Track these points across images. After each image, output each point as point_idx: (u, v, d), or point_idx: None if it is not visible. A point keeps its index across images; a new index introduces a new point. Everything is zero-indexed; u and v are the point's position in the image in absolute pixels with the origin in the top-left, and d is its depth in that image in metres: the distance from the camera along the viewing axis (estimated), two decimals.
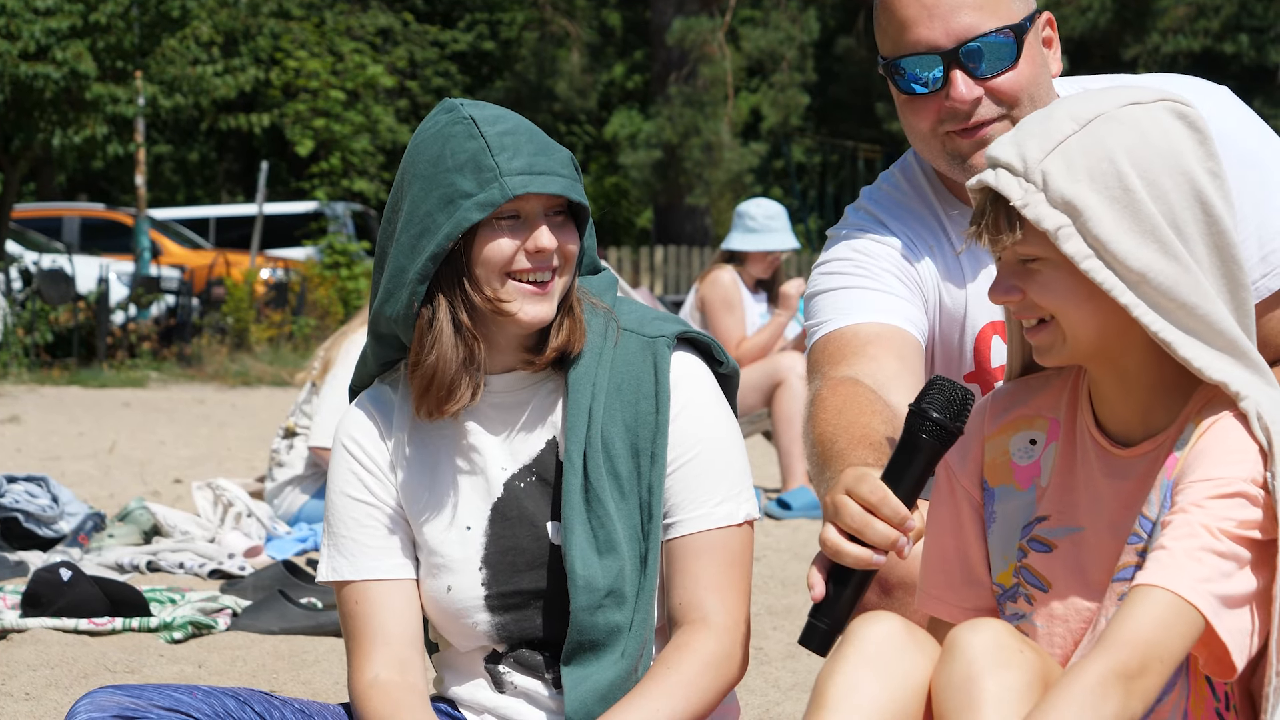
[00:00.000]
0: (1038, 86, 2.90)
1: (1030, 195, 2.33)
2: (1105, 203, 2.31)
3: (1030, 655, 2.29)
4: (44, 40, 22.92)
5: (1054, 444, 2.50)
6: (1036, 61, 2.91)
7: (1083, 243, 2.32)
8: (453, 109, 2.72)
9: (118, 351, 19.24)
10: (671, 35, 29.20)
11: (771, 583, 6.40)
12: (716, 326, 8.94)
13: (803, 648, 2.42)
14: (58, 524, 6.89)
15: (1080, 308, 2.36)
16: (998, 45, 2.86)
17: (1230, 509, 2.28)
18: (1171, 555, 2.27)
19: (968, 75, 2.87)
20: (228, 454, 11.26)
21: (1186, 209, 2.33)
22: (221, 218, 28.43)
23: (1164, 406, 2.42)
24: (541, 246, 2.68)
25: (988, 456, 2.56)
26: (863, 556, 2.33)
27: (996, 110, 2.89)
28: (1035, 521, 2.50)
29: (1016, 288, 2.38)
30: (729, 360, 2.86)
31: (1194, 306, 2.33)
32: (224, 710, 2.66)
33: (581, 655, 2.71)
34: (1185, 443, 2.36)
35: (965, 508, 2.56)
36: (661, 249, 27.83)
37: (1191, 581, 2.25)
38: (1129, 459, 2.43)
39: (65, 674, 4.75)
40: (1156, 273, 2.31)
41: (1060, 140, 2.34)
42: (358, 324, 7.29)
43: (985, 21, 2.85)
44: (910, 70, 2.89)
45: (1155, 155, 2.32)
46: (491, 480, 2.80)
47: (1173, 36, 33.82)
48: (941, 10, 2.86)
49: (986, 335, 3.01)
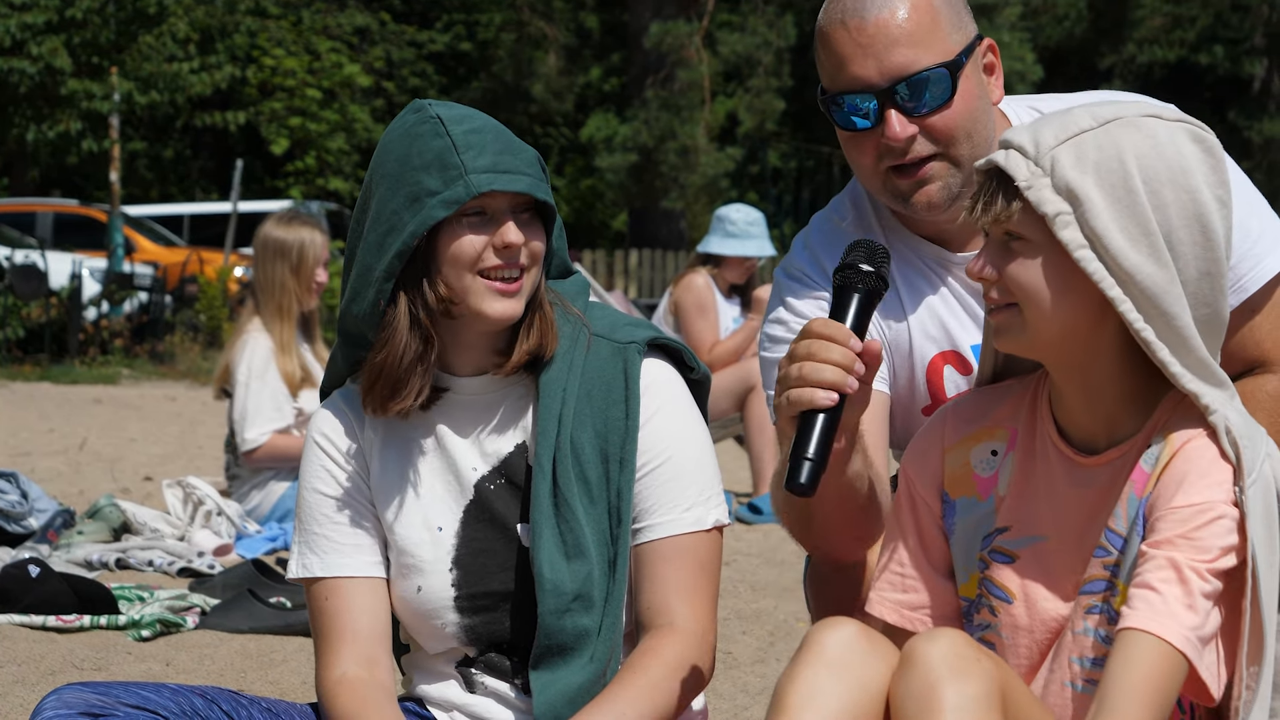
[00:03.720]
0: (975, 121, 2.87)
1: (1036, 179, 2.35)
2: (1107, 198, 2.33)
3: (988, 665, 2.30)
4: (19, 35, 22.85)
5: (1012, 454, 2.52)
6: (974, 94, 2.87)
7: (1079, 232, 2.33)
8: (420, 109, 2.73)
9: (89, 348, 19.17)
10: (649, 39, 29.21)
11: (741, 587, 6.41)
12: (689, 330, 8.96)
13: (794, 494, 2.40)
14: (27, 520, 6.86)
15: (1047, 301, 2.37)
16: (932, 83, 2.82)
17: (1213, 537, 2.31)
18: (1165, 601, 2.29)
19: (901, 113, 2.84)
20: (198, 452, 11.23)
21: (1184, 225, 2.35)
22: (196, 215, 28.37)
23: (1129, 416, 2.43)
24: (509, 242, 2.68)
25: (948, 468, 2.57)
26: (819, 394, 2.37)
27: (931, 148, 2.86)
28: (995, 532, 2.51)
29: (995, 267, 2.40)
30: (700, 366, 2.87)
31: (1173, 317, 2.35)
32: (191, 708, 2.66)
33: (550, 659, 2.72)
34: (1155, 459, 2.37)
35: (924, 517, 2.58)
36: (636, 252, 27.83)
37: (1184, 631, 2.28)
38: (1092, 467, 2.44)
39: (32, 671, 4.74)
40: (1145, 275, 2.33)
41: (1076, 133, 2.36)
42: (248, 322, 7.27)
43: (920, 58, 2.82)
44: (847, 107, 2.87)
45: (1164, 167, 2.35)
46: (463, 481, 2.80)
47: (1149, 47, 33.93)
48: (875, 47, 2.83)
49: (937, 366, 2.99)
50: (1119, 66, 34.29)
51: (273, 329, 7.17)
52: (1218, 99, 35.93)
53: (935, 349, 2.99)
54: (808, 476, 2.39)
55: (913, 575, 2.58)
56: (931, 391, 2.99)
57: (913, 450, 2.63)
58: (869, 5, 2.83)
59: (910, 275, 3.00)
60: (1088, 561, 2.43)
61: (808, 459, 2.39)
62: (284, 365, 7.15)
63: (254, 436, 7.09)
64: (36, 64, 22.64)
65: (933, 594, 2.57)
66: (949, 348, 2.98)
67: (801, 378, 2.40)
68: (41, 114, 23.49)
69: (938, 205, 2.88)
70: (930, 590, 2.57)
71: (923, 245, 2.99)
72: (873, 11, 2.83)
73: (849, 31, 2.84)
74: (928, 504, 2.58)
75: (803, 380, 2.40)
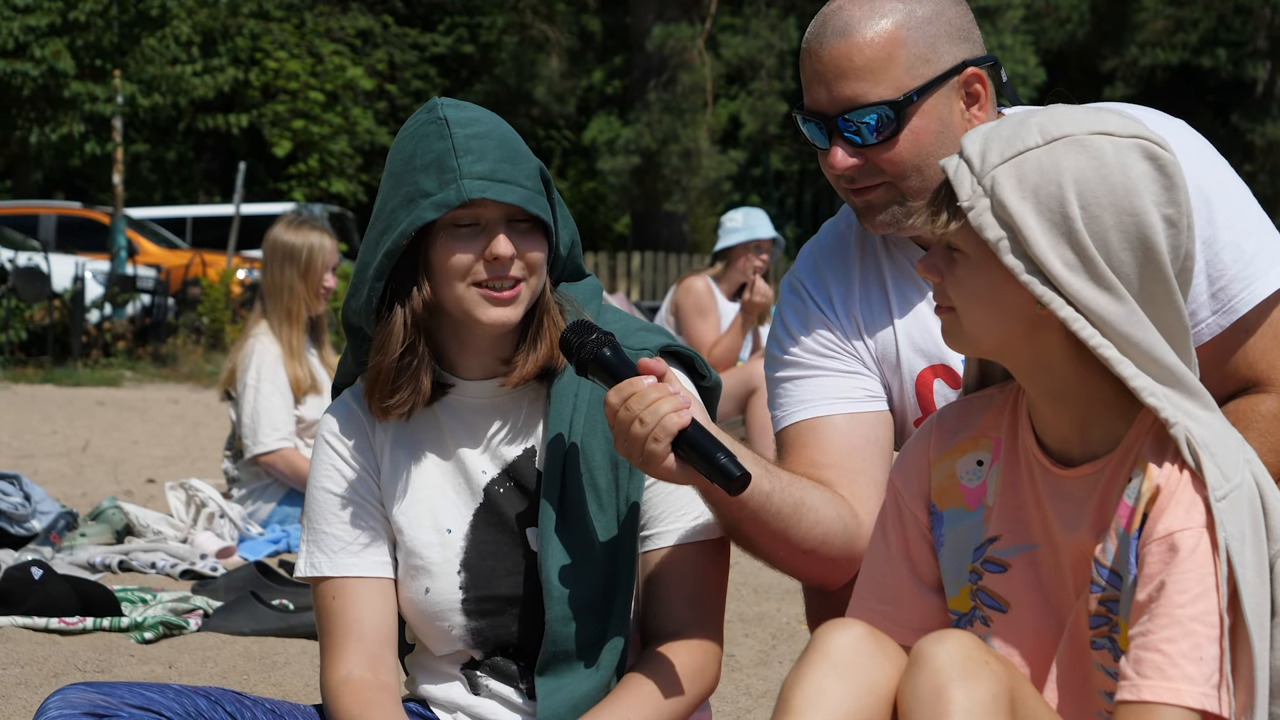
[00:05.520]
0: (928, 156, 2.83)
1: (978, 200, 2.34)
2: (1043, 224, 2.31)
3: (997, 667, 2.29)
4: (22, 37, 22.87)
5: (997, 463, 2.51)
6: (929, 130, 2.84)
7: (1020, 258, 2.32)
8: (432, 109, 2.72)
9: (92, 350, 19.18)
10: (651, 41, 29.22)
11: (744, 589, 6.41)
12: (689, 331, 8.99)
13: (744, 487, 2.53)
14: (30, 522, 6.86)
15: (981, 311, 2.38)
16: (876, 119, 2.82)
17: (1204, 564, 2.28)
18: (1172, 662, 2.26)
19: (845, 144, 2.85)
20: (201, 454, 11.23)
21: (1125, 248, 2.32)
22: (198, 217, 28.37)
23: (1101, 426, 2.41)
24: (498, 254, 2.67)
25: (935, 480, 2.56)
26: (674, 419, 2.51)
27: (877, 178, 2.86)
28: (987, 543, 2.50)
29: (938, 269, 2.41)
30: (711, 374, 2.86)
31: (1127, 335, 2.32)
32: (195, 709, 2.66)
33: (556, 665, 2.71)
34: (1137, 493, 2.35)
35: (911, 529, 2.57)
36: (639, 255, 27.83)
37: (1201, 690, 2.25)
38: (1069, 480, 2.42)
39: (35, 673, 4.74)
40: (1089, 299, 2.31)
41: (1021, 151, 2.34)
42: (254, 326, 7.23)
43: (869, 92, 2.81)
44: (810, 125, 2.89)
45: (1105, 190, 2.32)
46: (473, 484, 2.80)
47: (1151, 50, 33.92)
48: (829, 76, 2.83)
49: (927, 379, 2.98)
50: (1121, 69, 34.28)
51: (280, 333, 7.12)
52: (1220, 102, 35.93)
53: (925, 362, 2.98)
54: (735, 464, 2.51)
55: (892, 584, 2.57)
56: (922, 405, 2.99)
57: (900, 462, 2.62)
58: (830, 32, 2.83)
59: (903, 285, 3.00)
60: (1077, 571, 2.41)
61: (722, 453, 2.51)
62: (292, 370, 7.11)
63: (269, 441, 7.05)
64: (39, 66, 22.66)
65: (913, 605, 2.56)
66: (939, 361, 2.97)
67: (653, 425, 2.51)
68: (44, 116, 23.51)
69: (884, 226, 2.89)
70: (910, 601, 2.56)
71: (916, 254, 2.99)
72: (831, 39, 2.83)
73: (811, 56, 2.86)
74: (915, 516, 2.57)
75: (655, 427, 2.51)
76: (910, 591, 2.56)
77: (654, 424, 2.51)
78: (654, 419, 2.51)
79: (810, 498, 2.75)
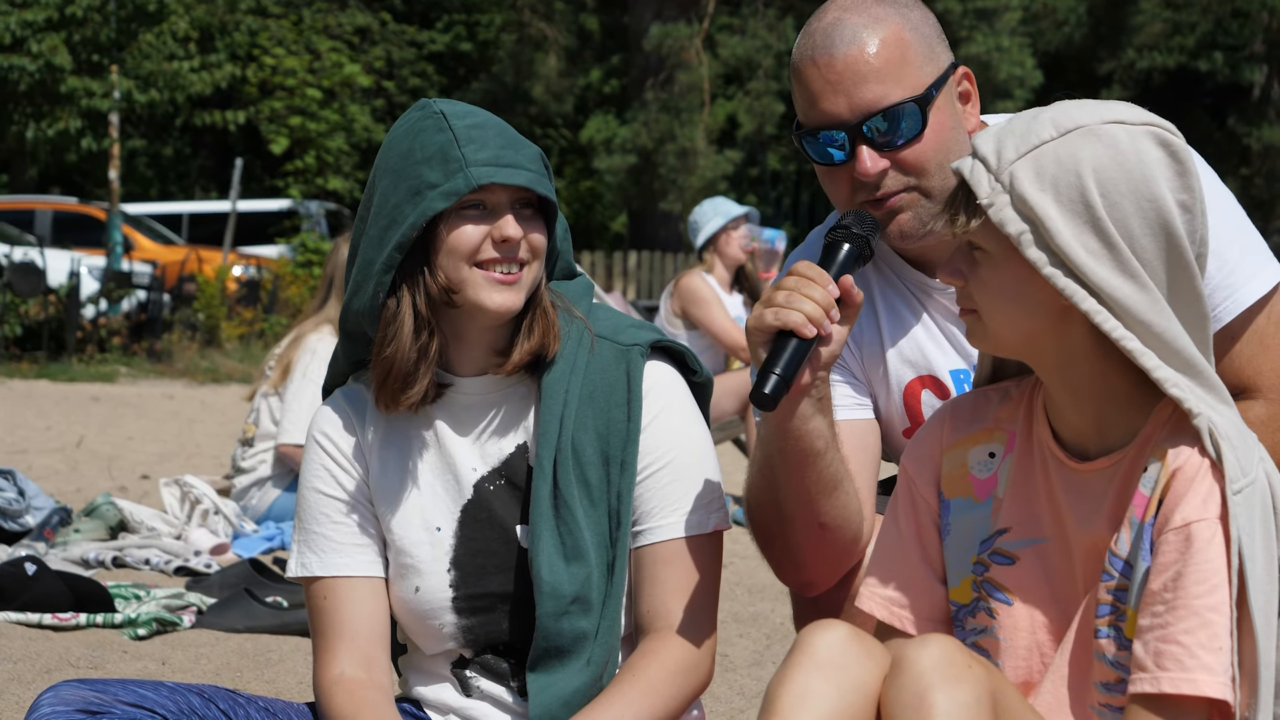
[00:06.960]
0: (947, 152, 2.86)
1: (997, 195, 2.35)
2: (1065, 215, 2.33)
3: (979, 671, 2.30)
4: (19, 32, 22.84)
5: (1010, 455, 2.52)
6: (946, 126, 2.87)
7: (1043, 250, 2.33)
8: (424, 106, 2.74)
9: (87, 346, 19.17)
10: (649, 41, 29.22)
11: (739, 590, 6.41)
12: (710, 324, 8.95)
13: (757, 407, 2.60)
14: (24, 518, 6.86)
15: (1006, 308, 2.39)
16: (902, 118, 2.83)
17: (1219, 556, 2.29)
18: (1190, 653, 2.27)
19: (872, 148, 2.85)
20: (196, 451, 11.23)
21: (1147, 234, 2.33)
22: (195, 214, 28.37)
23: (1119, 420, 2.42)
24: (507, 235, 2.68)
25: (945, 468, 2.57)
26: (798, 317, 2.57)
27: (904, 181, 2.86)
28: (996, 535, 2.50)
29: (961, 272, 2.43)
30: (703, 369, 2.87)
31: (1150, 324, 2.34)
32: (188, 707, 2.66)
33: (547, 662, 2.72)
34: (1153, 482, 2.36)
35: (923, 515, 2.58)
36: (635, 254, 27.84)
37: (1220, 680, 2.27)
38: (1086, 474, 2.43)
39: (28, 669, 4.73)
40: (1114, 288, 2.32)
41: (1036, 145, 2.36)
42: (310, 325, 7.27)
43: (890, 93, 2.82)
44: (822, 140, 2.88)
45: (1123, 176, 2.33)
46: (462, 481, 2.80)
47: (1148, 53, 33.94)
48: (845, 84, 2.83)
49: (915, 390, 3.00)
50: (1118, 72, 34.30)
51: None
52: (1217, 105, 35.95)
53: (913, 373, 3.00)
54: (773, 388, 2.56)
55: (905, 572, 2.58)
56: (910, 415, 3.01)
57: (913, 448, 2.63)
58: (838, 41, 2.84)
59: (891, 298, 3.02)
60: (1088, 565, 2.42)
61: (775, 373, 2.57)
62: None
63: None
64: (36, 61, 22.62)
65: (924, 593, 2.57)
66: (927, 372, 3.00)
67: (786, 303, 2.59)
68: (41, 111, 23.48)
69: (910, 234, 2.90)
70: (922, 589, 2.57)
71: (905, 270, 3.01)
72: (841, 48, 2.83)
73: (819, 68, 2.85)
74: (927, 502, 2.58)
75: (787, 305, 2.59)
76: (922, 579, 2.57)
77: (784, 305, 2.59)
78: (789, 303, 2.59)
79: (849, 483, 2.82)
